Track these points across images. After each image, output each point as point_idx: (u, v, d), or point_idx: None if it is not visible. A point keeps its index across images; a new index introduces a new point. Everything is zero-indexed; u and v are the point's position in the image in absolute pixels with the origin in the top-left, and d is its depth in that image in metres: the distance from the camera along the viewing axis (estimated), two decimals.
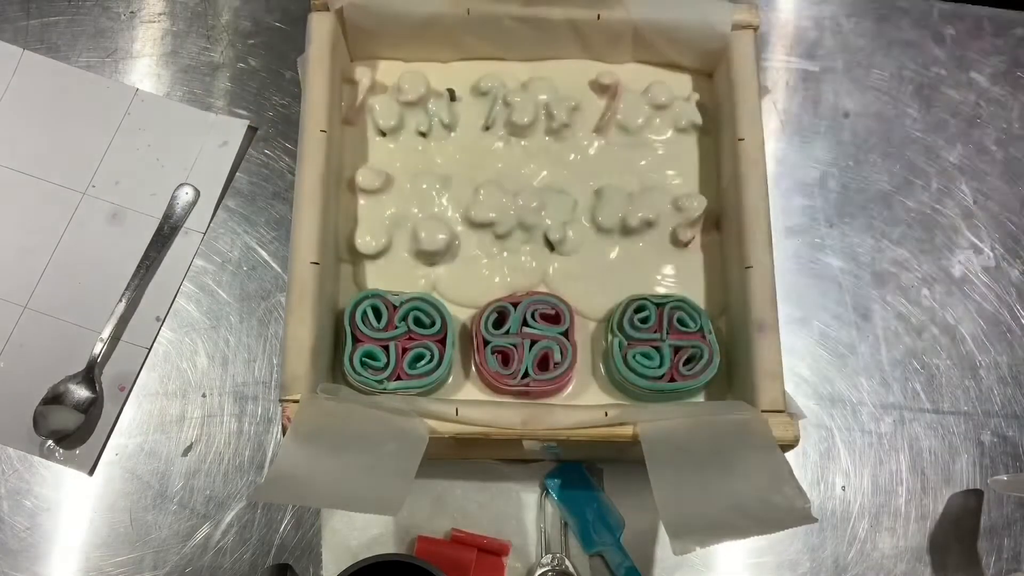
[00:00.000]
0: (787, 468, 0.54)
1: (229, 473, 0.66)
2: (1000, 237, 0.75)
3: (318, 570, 0.64)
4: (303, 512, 0.65)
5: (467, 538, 0.63)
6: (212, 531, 0.65)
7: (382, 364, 0.61)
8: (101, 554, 0.64)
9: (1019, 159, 0.78)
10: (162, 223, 0.71)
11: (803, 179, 0.76)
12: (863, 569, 0.66)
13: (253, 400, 0.68)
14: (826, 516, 0.67)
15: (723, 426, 0.57)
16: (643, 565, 0.64)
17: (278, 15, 0.78)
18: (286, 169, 0.74)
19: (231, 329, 0.70)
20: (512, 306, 0.64)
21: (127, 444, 0.67)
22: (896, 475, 0.69)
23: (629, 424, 0.57)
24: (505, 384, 0.62)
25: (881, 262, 0.74)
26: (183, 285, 0.70)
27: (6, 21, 0.76)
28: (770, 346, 0.60)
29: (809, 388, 0.70)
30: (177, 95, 0.75)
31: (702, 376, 0.62)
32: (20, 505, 0.65)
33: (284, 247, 0.71)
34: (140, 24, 0.77)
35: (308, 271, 0.60)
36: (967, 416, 0.70)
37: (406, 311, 0.63)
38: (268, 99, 0.76)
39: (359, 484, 0.53)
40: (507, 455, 0.65)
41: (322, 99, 0.64)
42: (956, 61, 0.80)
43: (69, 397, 0.66)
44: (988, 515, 0.68)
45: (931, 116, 0.78)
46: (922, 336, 0.72)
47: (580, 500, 0.64)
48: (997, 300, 0.74)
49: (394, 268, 0.67)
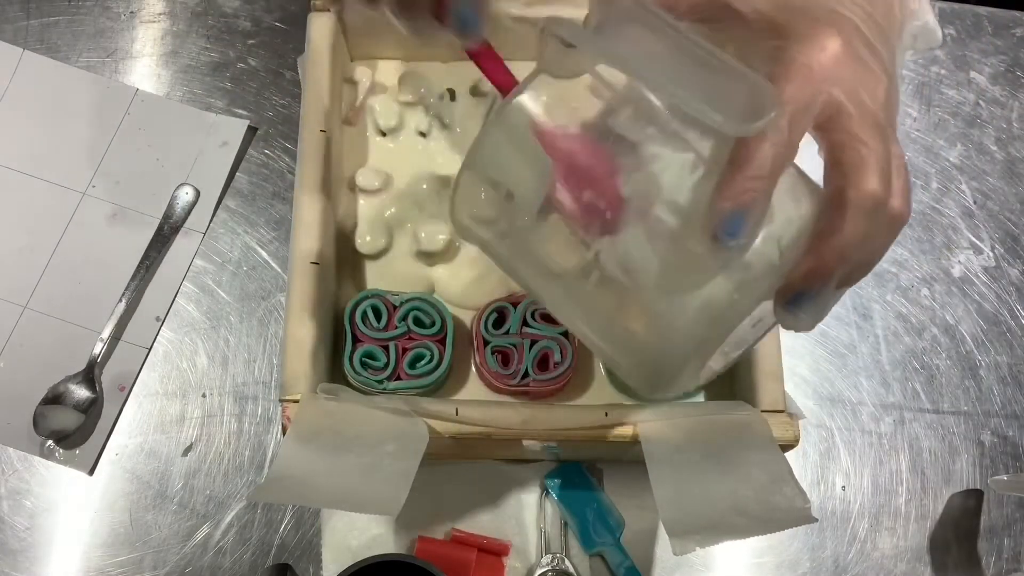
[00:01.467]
0: (787, 468, 0.54)
1: (229, 473, 0.66)
2: (1000, 237, 0.75)
3: (318, 570, 0.64)
4: (303, 512, 0.65)
5: (467, 538, 0.63)
6: (212, 531, 0.65)
7: (382, 364, 0.61)
8: (101, 554, 0.64)
9: (1019, 159, 0.78)
10: (162, 223, 0.71)
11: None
12: (863, 569, 0.66)
13: (253, 400, 0.68)
14: (826, 516, 0.67)
15: (723, 426, 0.57)
16: (643, 565, 0.64)
17: (278, 15, 0.78)
18: (286, 169, 0.74)
19: (231, 329, 0.70)
20: (512, 306, 0.64)
21: (127, 444, 0.67)
22: (896, 475, 0.69)
23: (629, 424, 0.57)
24: (505, 384, 0.62)
25: (881, 262, 0.74)
26: (183, 285, 0.70)
27: (6, 21, 0.76)
28: (770, 346, 0.60)
29: (809, 388, 0.70)
30: (177, 95, 0.75)
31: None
32: (20, 505, 0.65)
33: (284, 247, 0.71)
34: (140, 24, 0.77)
35: (308, 271, 0.60)
36: (967, 416, 0.70)
37: (406, 311, 0.63)
38: (268, 99, 0.76)
39: (359, 484, 0.53)
40: (507, 455, 0.65)
41: (322, 99, 0.64)
42: (956, 61, 0.80)
43: (69, 397, 0.66)
44: (988, 515, 0.68)
45: (931, 116, 0.78)
46: (922, 336, 0.72)
47: (580, 500, 0.64)
48: (997, 300, 0.74)
49: (394, 268, 0.67)
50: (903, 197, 0.38)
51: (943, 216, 0.76)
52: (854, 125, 0.37)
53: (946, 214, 0.76)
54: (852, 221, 0.37)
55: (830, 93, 0.37)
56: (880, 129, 0.37)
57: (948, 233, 0.75)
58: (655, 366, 0.43)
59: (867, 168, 0.37)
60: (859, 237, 0.37)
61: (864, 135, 0.37)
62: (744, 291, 0.39)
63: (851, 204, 0.37)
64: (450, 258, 0.67)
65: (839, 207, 0.37)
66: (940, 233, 0.75)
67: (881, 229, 0.38)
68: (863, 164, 0.37)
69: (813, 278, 0.38)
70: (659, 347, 0.42)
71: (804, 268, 0.38)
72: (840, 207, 0.37)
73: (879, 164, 0.37)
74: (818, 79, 0.37)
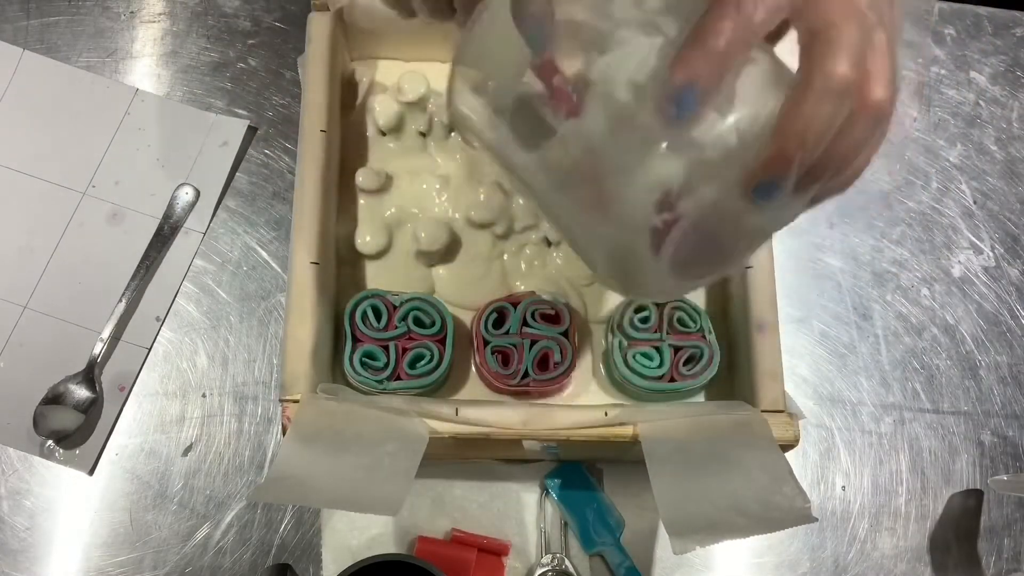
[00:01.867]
0: (787, 468, 0.54)
1: (229, 473, 0.66)
2: (1000, 237, 0.75)
3: (318, 570, 0.64)
4: (303, 512, 0.65)
5: (467, 538, 0.63)
6: (212, 531, 0.65)
7: (382, 364, 0.61)
8: (101, 554, 0.64)
9: (1019, 159, 0.78)
10: (162, 223, 0.71)
11: None
12: (863, 569, 0.66)
13: (253, 400, 0.68)
14: (826, 516, 0.67)
15: (723, 426, 0.57)
16: (643, 565, 0.64)
17: (278, 15, 0.78)
18: (286, 169, 0.74)
19: (231, 329, 0.70)
20: (512, 306, 0.64)
21: (127, 444, 0.67)
22: (896, 475, 0.69)
23: (629, 424, 0.57)
24: (505, 384, 0.62)
25: (881, 262, 0.74)
26: (183, 285, 0.70)
27: (6, 21, 0.76)
28: (770, 346, 0.60)
29: (809, 388, 0.70)
30: (177, 95, 0.75)
31: (702, 376, 0.62)
32: (20, 505, 0.65)
33: (284, 247, 0.71)
34: (140, 24, 0.77)
35: (308, 271, 0.60)
36: (967, 416, 0.70)
37: (406, 311, 0.63)
38: (268, 99, 0.76)
39: (359, 484, 0.53)
40: (507, 455, 0.65)
41: (322, 99, 0.64)
42: (956, 61, 0.80)
43: (69, 397, 0.66)
44: (988, 515, 0.68)
45: (931, 116, 0.78)
46: (922, 336, 0.72)
47: (580, 500, 0.64)
48: (997, 300, 0.74)
49: (394, 268, 0.67)
50: (883, 86, 0.37)
51: (943, 216, 0.76)
52: (828, 9, 0.36)
53: (946, 214, 0.76)
54: (812, 103, 0.35)
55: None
56: (858, 16, 0.36)
57: (948, 233, 0.75)
58: (622, 253, 0.43)
59: (835, 50, 0.35)
60: (821, 120, 0.36)
61: (838, 20, 0.36)
62: (698, 175, 0.38)
63: (813, 85, 0.36)
64: (450, 258, 0.67)
65: (803, 89, 0.36)
66: (940, 233, 0.75)
67: (857, 120, 0.37)
68: (831, 46, 0.36)
69: (773, 164, 0.36)
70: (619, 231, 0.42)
71: (765, 154, 0.36)
72: (803, 89, 0.36)
73: (850, 47, 0.36)
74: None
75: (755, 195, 0.37)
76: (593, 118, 0.40)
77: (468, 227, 0.68)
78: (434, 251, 0.66)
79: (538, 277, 0.67)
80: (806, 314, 0.72)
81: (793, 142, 0.36)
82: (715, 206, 0.38)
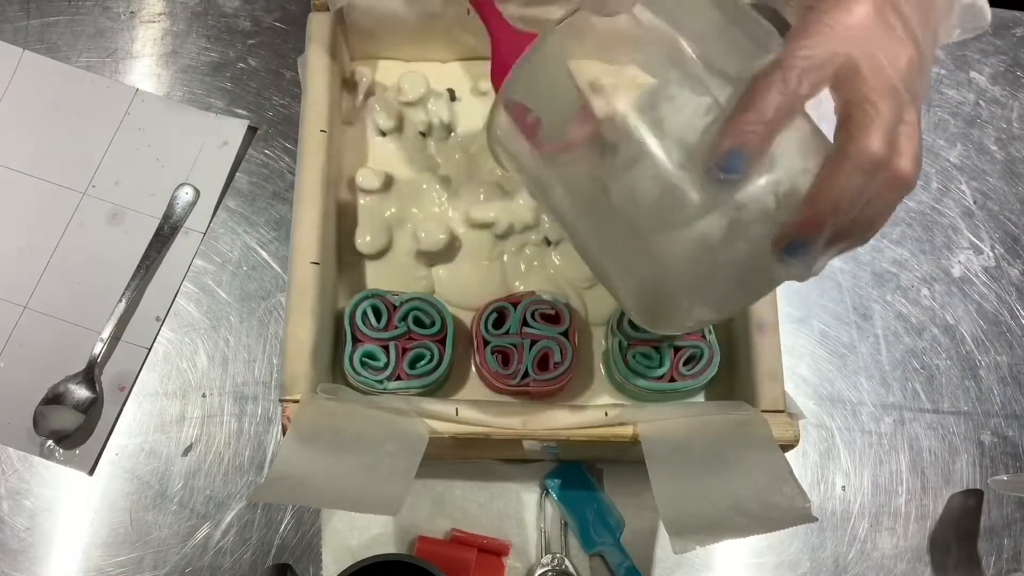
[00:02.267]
0: (787, 468, 0.54)
1: (229, 473, 0.66)
2: (1000, 237, 0.75)
3: (318, 570, 0.64)
4: (303, 512, 0.65)
5: (467, 538, 0.63)
6: (212, 531, 0.65)
7: (382, 364, 0.61)
8: (101, 554, 0.64)
9: (1019, 159, 0.78)
10: (162, 223, 0.71)
11: None
12: (863, 569, 0.66)
13: (253, 400, 0.68)
14: (826, 516, 0.67)
15: (723, 426, 0.57)
16: (643, 565, 0.64)
17: (278, 15, 0.78)
18: (286, 169, 0.74)
19: (231, 329, 0.70)
20: (512, 306, 0.64)
21: (127, 444, 0.67)
22: (896, 475, 0.69)
23: (629, 424, 0.57)
24: (505, 384, 0.62)
25: (881, 262, 0.74)
26: (183, 285, 0.70)
27: (6, 21, 0.76)
28: (770, 346, 0.60)
29: (809, 388, 0.70)
30: (177, 95, 0.75)
31: (702, 376, 0.62)
32: (20, 505, 0.65)
33: (284, 247, 0.71)
34: (140, 24, 0.77)
35: (308, 271, 0.60)
36: (967, 416, 0.70)
37: (406, 311, 0.63)
38: (268, 99, 0.76)
39: (359, 484, 0.53)
40: (507, 455, 0.65)
41: (322, 99, 0.64)
42: (956, 61, 0.80)
43: (69, 397, 0.66)
44: (988, 515, 0.68)
45: (931, 116, 0.78)
46: (922, 336, 0.72)
47: (580, 500, 0.64)
48: (997, 300, 0.74)
49: (394, 268, 0.67)
50: (911, 161, 0.39)
51: (943, 216, 0.76)
52: (866, 87, 0.38)
53: (946, 214, 0.76)
54: (847, 175, 0.38)
55: (849, 54, 0.38)
56: (894, 94, 0.38)
57: (948, 233, 0.75)
58: (654, 295, 0.47)
59: (871, 127, 0.38)
60: (853, 191, 0.38)
61: (875, 97, 0.38)
62: (736, 232, 0.41)
63: (849, 159, 0.38)
64: (450, 258, 0.67)
65: (839, 161, 0.38)
66: (940, 233, 0.75)
67: (883, 190, 0.39)
68: (868, 123, 0.38)
69: (806, 226, 0.39)
70: (655, 276, 0.45)
71: (799, 217, 0.39)
72: (839, 161, 0.38)
73: (885, 126, 0.38)
74: (838, 39, 0.38)
75: (786, 252, 0.40)
76: (641, 170, 0.42)
77: (468, 227, 0.68)
78: (434, 251, 0.66)
79: (538, 277, 0.67)
80: (806, 314, 0.72)
81: (827, 208, 0.39)
82: (748, 259, 0.41)
